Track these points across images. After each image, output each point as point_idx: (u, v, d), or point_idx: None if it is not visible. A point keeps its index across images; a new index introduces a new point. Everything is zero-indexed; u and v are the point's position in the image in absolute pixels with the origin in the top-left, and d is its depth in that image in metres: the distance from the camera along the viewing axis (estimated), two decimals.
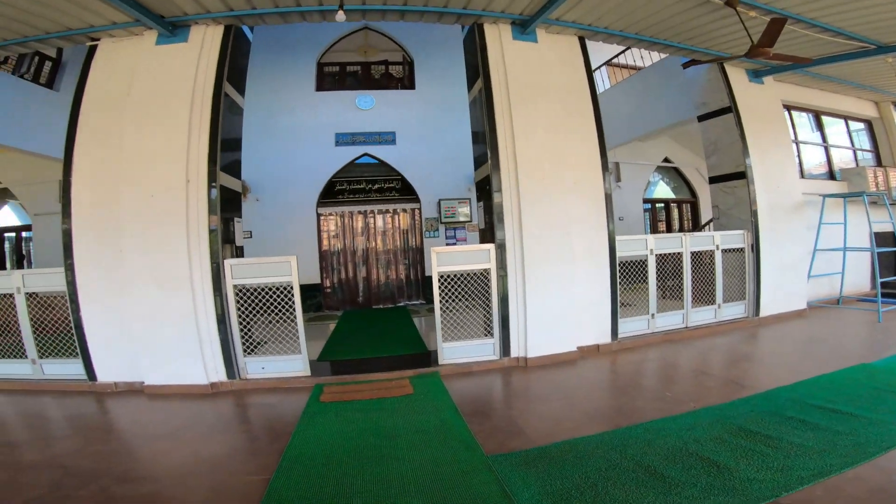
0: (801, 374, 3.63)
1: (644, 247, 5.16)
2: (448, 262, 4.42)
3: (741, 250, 5.75)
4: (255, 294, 4.22)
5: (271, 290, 4.20)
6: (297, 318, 4.21)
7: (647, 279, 5.12)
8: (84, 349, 4.17)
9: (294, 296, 4.18)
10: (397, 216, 9.53)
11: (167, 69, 4.18)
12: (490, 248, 4.49)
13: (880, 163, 7.87)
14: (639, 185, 10.46)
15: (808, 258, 6.37)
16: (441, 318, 4.37)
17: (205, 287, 4.09)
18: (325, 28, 9.21)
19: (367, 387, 3.89)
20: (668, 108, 7.71)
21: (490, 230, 4.66)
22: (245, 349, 4.23)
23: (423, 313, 8.09)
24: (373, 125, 9.25)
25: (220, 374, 4.13)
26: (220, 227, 4.16)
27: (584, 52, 4.99)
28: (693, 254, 5.40)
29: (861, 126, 8.03)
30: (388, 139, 9.25)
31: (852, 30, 4.82)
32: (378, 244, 9.45)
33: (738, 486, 2.08)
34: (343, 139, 9.14)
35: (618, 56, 9.44)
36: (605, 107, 4.98)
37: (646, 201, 10.73)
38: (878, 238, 6.49)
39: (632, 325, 5.08)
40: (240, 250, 4.85)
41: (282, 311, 4.21)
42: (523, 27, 4.63)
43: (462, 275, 4.43)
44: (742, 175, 5.81)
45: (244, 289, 4.21)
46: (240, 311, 4.20)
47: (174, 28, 4.17)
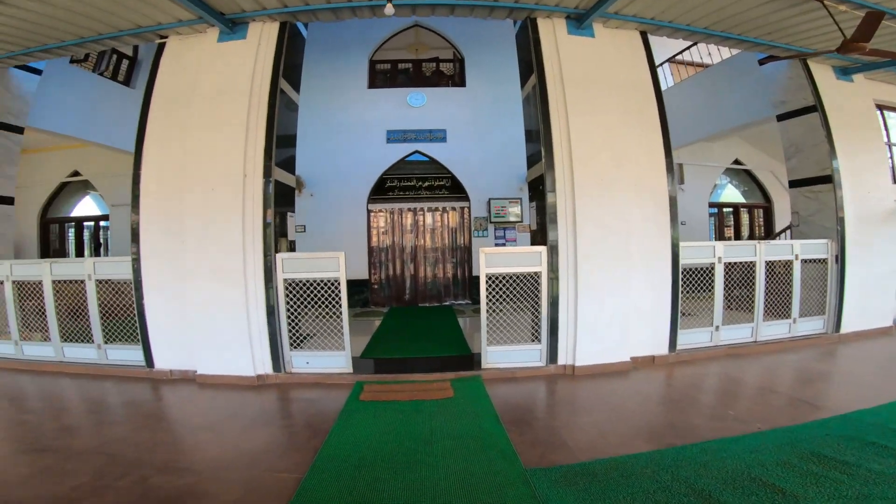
0: (885, 396, 3.29)
1: (711, 254, 4.80)
2: (497, 264, 4.28)
3: (823, 261, 5.23)
4: (304, 288, 4.26)
5: (319, 284, 4.22)
6: (342, 315, 4.22)
7: (711, 288, 4.75)
8: (145, 336, 4.38)
9: (341, 292, 4.19)
10: (446, 214, 9.46)
11: (227, 66, 4.30)
12: (541, 250, 4.30)
13: None
14: (704, 187, 9.94)
15: None
16: (487, 320, 4.23)
17: (257, 280, 4.18)
18: (376, 26, 9.30)
19: (408, 387, 3.83)
20: (740, 107, 7.35)
21: (542, 231, 4.48)
22: (291, 343, 4.29)
23: (469, 313, 7.98)
24: (424, 123, 9.23)
25: (266, 367, 4.21)
26: (273, 222, 4.24)
27: (647, 48, 4.71)
28: (766, 263, 4.97)
29: None
30: (438, 136, 9.21)
31: None
32: (426, 242, 9.43)
33: None
34: (394, 136, 9.18)
35: (682, 52, 8.95)
36: (668, 106, 4.70)
37: (712, 205, 10.14)
38: None
39: (692, 337, 4.73)
40: (292, 244, 4.94)
41: (328, 307, 4.23)
42: (579, 21, 4.41)
43: (510, 277, 4.27)
44: (828, 179, 5.31)
45: (294, 283, 4.27)
46: (289, 304, 4.26)
47: (234, 25, 4.29)
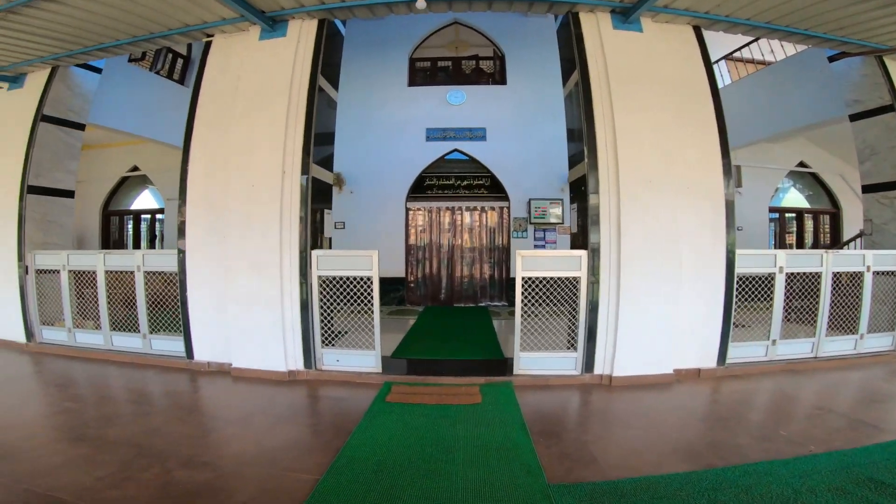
0: None
1: (771, 263, 4.42)
2: (533, 267, 4.11)
3: None
4: (338, 285, 4.27)
5: (353, 282, 4.21)
6: (374, 314, 4.20)
7: (768, 298, 4.39)
8: (186, 328, 4.53)
9: (373, 291, 4.16)
10: (485, 214, 9.33)
11: (268, 63, 4.36)
12: (582, 254, 4.10)
13: None
14: (764, 191, 9.34)
15: None
16: (521, 325, 4.08)
17: (292, 276, 4.21)
18: (416, 24, 9.32)
19: (435, 390, 3.74)
20: (807, 106, 6.86)
21: (583, 234, 4.28)
22: (323, 340, 4.31)
23: (505, 316, 7.82)
24: (463, 121, 9.13)
25: (297, 363, 4.24)
26: (310, 218, 4.27)
27: (701, 43, 4.41)
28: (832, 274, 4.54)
29: None
30: (478, 135, 9.08)
31: None
32: (464, 241, 9.34)
33: None
34: (433, 134, 9.13)
35: (740, 49, 8.40)
36: (725, 104, 4.39)
37: (772, 210, 9.50)
38: None
39: (745, 351, 4.38)
40: (328, 241, 4.98)
41: (361, 304, 4.21)
42: (625, 16, 4.17)
43: (548, 281, 4.10)
44: None
45: (328, 280, 4.28)
46: (322, 301, 4.28)
47: (274, 23, 4.34)
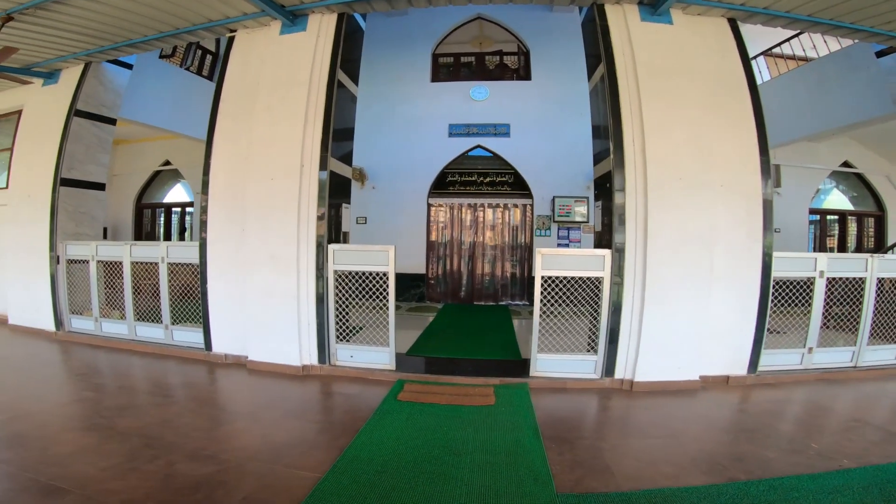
0: None
1: (811, 267, 4.16)
2: (554, 266, 3.98)
3: None
4: (354, 280, 4.24)
5: (369, 277, 4.18)
6: (389, 310, 4.15)
7: (804, 304, 4.15)
8: (206, 320, 4.59)
9: (389, 286, 4.11)
10: (508, 211, 9.18)
11: (288, 57, 4.36)
12: (605, 254, 3.95)
13: None
14: (804, 192, 8.89)
15: None
16: (539, 325, 3.97)
17: (309, 270, 4.22)
18: (439, 19, 9.24)
19: (448, 390, 3.67)
20: (852, 104, 6.50)
21: (608, 233, 4.12)
22: (338, 336, 4.29)
23: (525, 315, 7.67)
24: (487, 117, 9.00)
25: (312, 358, 4.24)
26: (328, 213, 4.26)
27: (737, 37, 4.18)
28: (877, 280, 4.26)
29: None
30: (502, 131, 8.93)
31: None
32: (486, 238, 9.22)
33: None
34: (456, 130, 9.03)
35: (780, 45, 7.99)
36: (764, 101, 4.17)
37: (813, 211, 9.03)
38: None
39: (778, 358, 4.15)
40: (346, 236, 4.96)
41: (377, 300, 4.17)
42: (653, 7, 3.99)
43: (569, 280, 3.96)
44: None
45: (344, 274, 4.26)
46: (338, 296, 4.26)
47: (294, 18, 4.34)
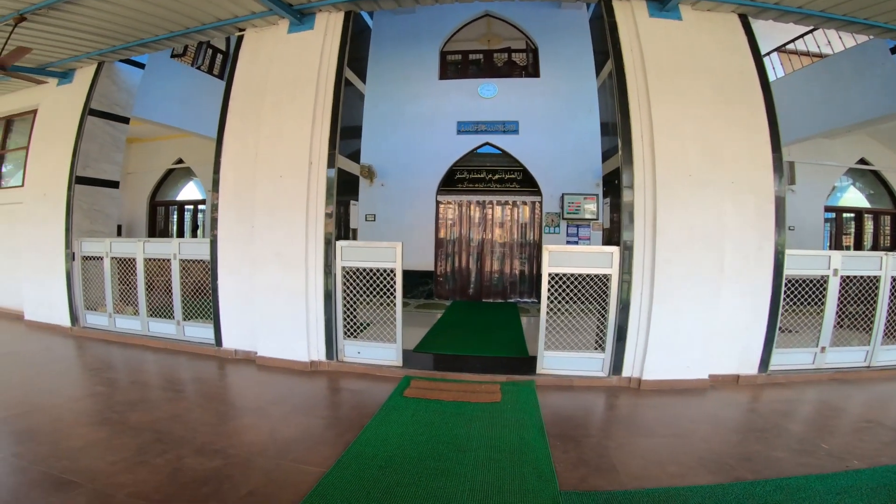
0: None
1: (825, 265, 4.10)
2: (562, 263, 3.97)
3: None
4: (362, 277, 4.27)
5: (377, 274, 4.20)
6: (396, 307, 4.17)
7: (818, 303, 4.09)
8: (216, 316, 4.65)
9: (396, 283, 4.13)
10: (516, 208, 9.15)
11: (296, 56, 4.39)
12: (614, 251, 3.92)
13: None
14: (820, 189, 8.76)
15: None
16: (546, 322, 3.96)
17: (317, 266, 4.25)
18: (446, 17, 9.25)
19: (455, 387, 3.68)
20: (867, 100, 6.43)
21: (616, 230, 4.09)
22: (346, 332, 4.32)
23: (533, 313, 7.64)
24: (495, 114, 8.99)
25: (320, 354, 4.28)
26: (336, 210, 4.28)
27: (749, 32, 4.12)
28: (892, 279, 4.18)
29: None
30: (511, 129, 8.91)
31: None
32: (494, 236, 9.21)
33: None
34: (465, 128, 9.03)
35: (794, 41, 7.87)
36: (777, 98, 4.11)
37: (828, 209, 8.89)
38: None
39: (790, 357, 4.09)
40: (354, 233, 4.99)
41: (384, 297, 4.19)
42: (661, 3, 3.96)
43: (577, 278, 3.94)
44: None
45: (352, 271, 4.29)
46: (345, 293, 4.29)
47: (302, 16, 4.37)
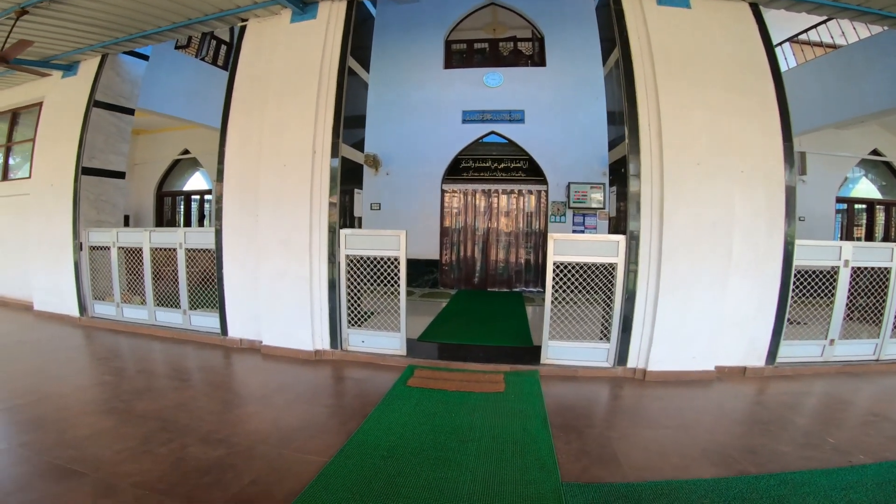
0: None
1: (836, 256, 4.03)
2: (567, 251, 3.93)
3: None
4: (366, 265, 4.28)
5: (381, 262, 4.21)
6: (400, 296, 4.17)
7: (827, 295, 4.03)
8: (222, 305, 4.69)
9: (400, 272, 4.13)
10: (522, 197, 9.10)
11: (299, 45, 4.36)
12: (620, 239, 3.88)
13: None
14: (831, 180, 8.63)
15: None
16: (551, 312, 3.95)
17: (321, 255, 4.26)
18: (450, 6, 9.19)
19: (458, 376, 3.69)
20: (882, 91, 6.39)
21: (622, 219, 4.04)
22: (350, 320, 4.34)
23: (539, 302, 7.63)
24: (501, 103, 8.92)
25: (324, 343, 4.30)
26: (340, 198, 4.28)
27: (759, 21, 4.02)
28: None
29: None
30: (516, 118, 8.84)
31: None
32: (500, 225, 9.18)
33: None
34: (470, 117, 8.97)
35: (807, 31, 7.71)
36: (789, 88, 4.01)
37: (840, 200, 8.76)
38: None
39: (798, 350, 4.05)
40: (358, 221, 4.98)
41: (388, 285, 4.19)
42: None
43: (582, 267, 3.92)
44: None
45: (356, 259, 4.30)
46: (350, 281, 4.30)
47: (304, 6, 4.32)
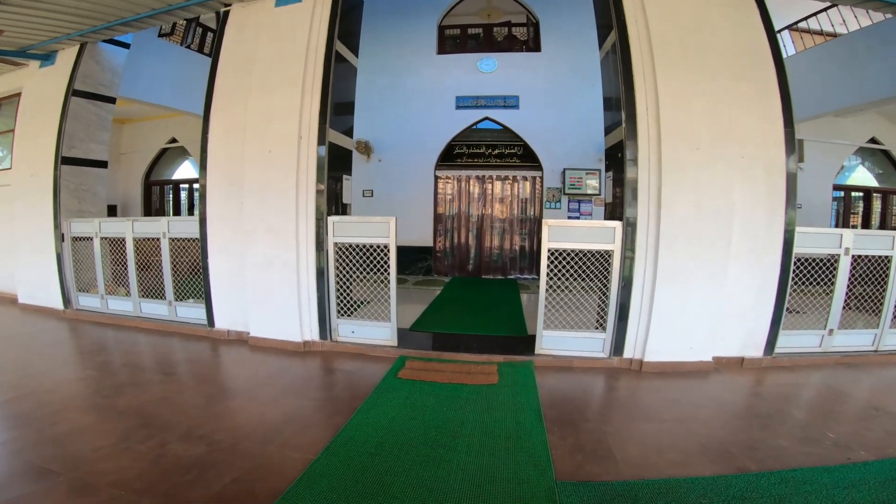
0: None
1: (836, 243, 3.94)
2: (562, 238, 3.83)
3: None
4: (355, 253, 4.18)
5: (370, 250, 4.10)
6: (390, 285, 4.06)
7: (826, 283, 3.96)
8: (208, 296, 4.58)
9: (390, 259, 4.02)
10: (517, 184, 8.98)
11: (285, 30, 4.23)
12: (616, 226, 3.78)
13: None
14: (829, 168, 8.62)
15: None
16: (545, 301, 3.86)
17: (309, 243, 4.16)
18: None
19: (451, 367, 3.60)
20: (882, 79, 6.39)
21: (619, 205, 3.93)
22: (339, 310, 4.24)
23: (533, 289, 7.55)
24: (495, 89, 8.79)
25: (313, 333, 4.21)
26: (328, 185, 4.17)
27: (761, 6, 3.89)
28: None
29: None
30: (511, 104, 8.72)
31: None
32: (494, 211, 9.08)
33: None
34: (464, 102, 8.84)
35: (808, 18, 7.59)
36: (788, 76, 3.91)
37: (837, 188, 8.77)
38: None
39: (797, 340, 3.98)
40: (347, 208, 4.87)
41: (379, 274, 4.09)
42: None
43: (577, 254, 3.82)
44: None
45: (344, 247, 4.19)
46: (338, 269, 4.20)
47: None
